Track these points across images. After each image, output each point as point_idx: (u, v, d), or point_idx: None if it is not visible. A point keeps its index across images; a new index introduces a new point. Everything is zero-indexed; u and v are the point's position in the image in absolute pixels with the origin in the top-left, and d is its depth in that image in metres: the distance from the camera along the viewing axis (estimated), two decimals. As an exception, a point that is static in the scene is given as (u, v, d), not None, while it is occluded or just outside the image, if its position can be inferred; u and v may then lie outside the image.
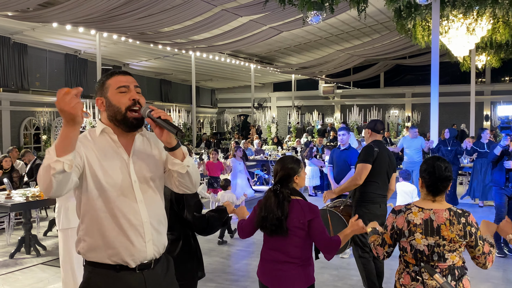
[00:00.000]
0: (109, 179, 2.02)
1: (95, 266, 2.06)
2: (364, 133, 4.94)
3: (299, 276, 2.93)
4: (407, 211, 2.65)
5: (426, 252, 2.54)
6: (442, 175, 2.60)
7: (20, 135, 16.02)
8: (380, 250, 2.77)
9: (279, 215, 2.90)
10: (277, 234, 2.92)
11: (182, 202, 3.25)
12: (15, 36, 15.24)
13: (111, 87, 2.11)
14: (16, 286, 5.46)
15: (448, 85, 22.86)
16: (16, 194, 7.00)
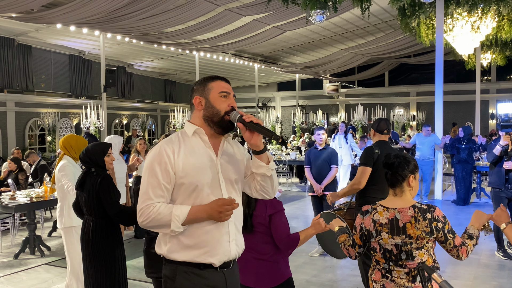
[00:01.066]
0: (202, 178, 2.10)
1: (179, 264, 2.11)
2: (371, 134, 4.83)
3: (271, 273, 2.92)
4: (373, 211, 2.65)
5: (395, 252, 2.55)
6: (389, 161, 2.63)
7: (25, 136, 16.08)
8: (352, 251, 2.79)
9: (245, 212, 2.88)
10: (244, 231, 2.89)
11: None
12: (20, 38, 15.30)
13: (214, 90, 2.22)
14: (20, 287, 5.47)
15: (453, 83, 22.75)
16: (21, 194, 7.02)
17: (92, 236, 3.76)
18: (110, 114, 18.59)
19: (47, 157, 14.66)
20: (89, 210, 3.80)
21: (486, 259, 6.14)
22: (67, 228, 4.55)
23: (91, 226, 3.78)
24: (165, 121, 22.97)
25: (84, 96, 18.27)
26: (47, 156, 14.87)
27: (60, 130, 17.07)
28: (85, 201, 3.81)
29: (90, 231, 3.78)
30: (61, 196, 4.64)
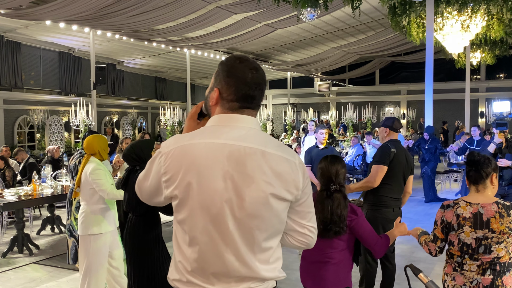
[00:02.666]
0: None
1: None
2: (380, 131, 4.65)
3: (339, 277, 2.99)
4: (455, 206, 2.74)
5: (473, 245, 2.63)
6: (474, 159, 2.75)
7: (14, 133, 15.92)
8: (432, 246, 2.85)
9: (327, 218, 2.91)
10: (336, 235, 2.93)
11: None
12: (8, 34, 15.13)
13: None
14: (8, 286, 5.42)
15: (443, 82, 22.88)
16: (9, 193, 6.95)
17: (133, 234, 3.78)
18: (100, 111, 18.47)
19: (36, 154, 14.54)
20: (131, 207, 3.80)
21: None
22: (84, 236, 4.30)
23: (132, 224, 3.80)
24: (156, 118, 22.87)
25: (74, 94, 18.13)
26: (36, 154, 14.75)
27: (50, 127, 16.93)
28: (128, 199, 3.81)
29: (131, 229, 3.80)
30: (88, 200, 4.33)
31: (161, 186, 1.69)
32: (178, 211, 1.68)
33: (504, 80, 24.06)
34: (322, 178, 3.07)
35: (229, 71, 1.73)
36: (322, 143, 6.44)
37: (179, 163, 1.63)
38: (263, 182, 1.63)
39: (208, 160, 1.62)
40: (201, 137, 1.67)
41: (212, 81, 1.79)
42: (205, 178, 1.61)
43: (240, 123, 1.71)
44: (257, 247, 1.68)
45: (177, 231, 1.72)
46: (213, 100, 1.74)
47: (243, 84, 1.71)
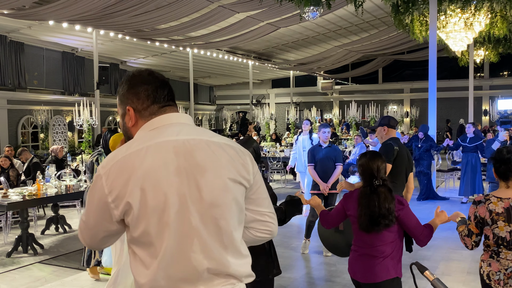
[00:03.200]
0: None
1: None
2: (378, 131, 4.67)
3: (387, 268, 3.03)
4: (487, 202, 2.87)
5: (508, 238, 2.79)
6: (504, 157, 2.90)
7: (18, 133, 15.97)
8: (468, 241, 2.95)
9: (376, 212, 2.96)
10: (386, 227, 2.97)
11: None
12: (12, 35, 15.18)
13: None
14: (13, 285, 5.44)
15: (447, 80, 22.83)
16: (13, 192, 6.97)
17: None
18: (104, 111, 18.49)
19: (40, 154, 14.57)
20: None
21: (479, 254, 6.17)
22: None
23: None
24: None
25: (77, 93, 18.17)
26: (40, 154, 14.78)
27: (53, 127, 16.97)
28: None
29: None
30: None
31: (109, 210, 1.55)
32: (135, 226, 1.55)
33: (507, 78, 23.98)
34: (363, 175, 3.13)
35: (130, 85, 1.71)
36: (325, 141, 6.44)
37: (124, 175, 1.53)
38: (217, 169, 1.60)
39: (156, 161, 1.55)
40: (139, 143, 1.59)
41: (119, 109, 1.76)
42: (158, 179, 1.54)
43: (170, 120, 1.68)
44: (226, 238, 1.62)
45: (135, 252, 1.59)
46: (132, 120, 1.70)
47: (149, 86, 1.70)
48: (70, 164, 10.35)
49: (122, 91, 1.73)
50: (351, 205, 3.12)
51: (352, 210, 3.11)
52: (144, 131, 1.65)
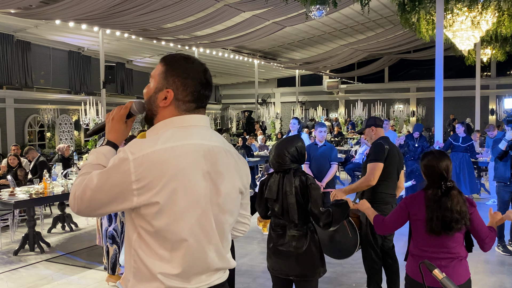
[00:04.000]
0: None
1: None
2: (367, 132, 4.62)
3: (462, 270, 2.94)
4: None
5: None
6: None
7: (25, 132, 16.06)
8: None
9: (464, 211, 2.86)
10: (459, 231, 2.87)
11: (307, 195, 3.29)
12: (18, 34, 15.26)
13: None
14: (20, 283, 5.47)
15: (453, 79, 22.73)
16: (20, 191, 7.01)
17: None
18: (110, 110, 18.44)
19: (46, 153, 14.64)
20: None
21: (485, 254, 6.14)
22: None
23: None
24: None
25: (83, 93, 18.24)
26: (47, 153, 14.85)
27: (60, 126, 17.05)
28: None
29: None
30: None
31: (128, 196, 1.57)
32: (157, 219, 1.58)
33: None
34: (430, 176, 2.96)
35: (185, 73, 1.71)
36: (321, 141, 6.44)
37: (157, 169, 1.56)
38: (231, 178, 1.72)
39: (188, 162, 1.61)
40: (174, 141, 1.62)
41: (158, 81, 1.72)
42: (190, 180, 1.60)
43: (201, 122, 1.73)
44: (226, 240, 1.76)
45: (149, 244, 1.62)
46: (166, 102, 1.69)
47: (200, 85, 1.73)
48: (77, 162, 10.39)
49: (172, 69, 1.72)
50: (417, 207, 2.95)
51: (419, 214, 2.94)
52: (174, 126, 1.68)
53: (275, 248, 3.43)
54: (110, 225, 5.30)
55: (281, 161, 3.41)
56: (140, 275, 1.64)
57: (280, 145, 3.48)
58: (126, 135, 1.85)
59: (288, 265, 3.37)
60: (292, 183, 3.32)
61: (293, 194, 3.29)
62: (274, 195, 3.39)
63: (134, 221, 1.64)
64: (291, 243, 3.35)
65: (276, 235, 3.44)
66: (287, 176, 3.38)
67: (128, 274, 1.68)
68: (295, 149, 3.42)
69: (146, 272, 1.63)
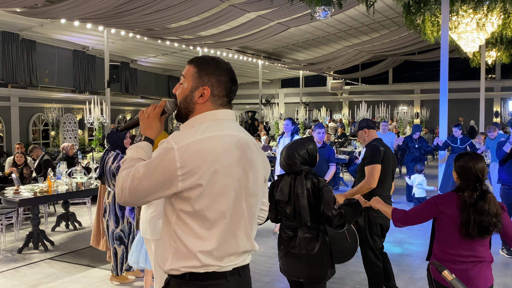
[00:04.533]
0: None
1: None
2: (360, 135, 4.61)
3: (488, 274, 2.90)
4: None
5: None
6: None
7: (29, 131, 16.11)
8: None
9: (499, 214, 2.80)
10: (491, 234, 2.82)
11: (319, 197, 3.28)
12: (24, 33, 15.31)
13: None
14: (24, 281, 5.48)
15: (458, 81, 22.67)
16: (24, 189, 7.03)
17: None
18: (114, 109, 18.61)
19: (50, 152, 14.68)
20: None
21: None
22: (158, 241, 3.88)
23: None
24: (169, 117, 22.99)
25: (88, 92, 18.29)
26: (51, 151, 14.90)
27: (64, 125, 17.09)
28: None
29: None
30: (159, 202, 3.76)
31: (174, 181, 1.76)
32: (198, 201, 1.78)
33: (519, 79, 23.75)
34: (465, 177, 2.88)
35: (217, 70, 1.92)
36: (319, 142, 6.43)
37: (199, 155, 1.76)
38: (258, 166, 1.95)
39: (225, 149, 1.82)
40: (211, 131, 1.82)
41: (192, 80, 1.91)
42: (226, 164, 1.81)
43: (230, 116, 1.95)
44: (254, 222, 1.97)
45: (188, 223, 1.81)
46: (204, 99, 1.89)
47: (231, 81, 1.94)
48: (81, 161, 10.42)
49: (205, 69, 1.92)
50: (450, 210, 2.87)
51: (451, 216, 2.86)
52: (208, 119, 1.88)
53: (286, 250, 3.42)
54: (117, 227, 5.27)
55: (291, 163, 3.39)
56: (179, 254, 1.82)
57: (291, 147, 3.46)
58: (160, 131, 2.03)
59: (299, 267, 3.37)
60: (304, 185, 3.30)
61: (305, 196, 3.27)
62: (286, 197, 3.35)
63: (174, 205, 1.83)
64: (303, 246, 3.34)
65: (287, 237, 3.42)
66: (298, 178, 3.35)
67: (167, 254, 1.86)
68: (305, 152, 3.41)
69: (184, 251, 1.81)
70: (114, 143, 5.31)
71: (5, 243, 7.06)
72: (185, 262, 1.82)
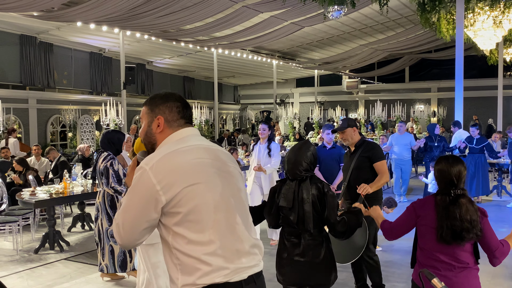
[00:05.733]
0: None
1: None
2: (348, 133, 4.69)
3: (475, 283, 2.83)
4: None
5: None
6: None
7: (47, 132, 16.36)
8: None
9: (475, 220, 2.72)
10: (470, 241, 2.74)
11: (324, 203, 3.22)
12: (41, 36, 15.55)
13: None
14: (40, 281, 5.58)
15: (475, 79, 22.36)
16: (40, 190, 7.14)
17: None
18: (130, 110, 18.75)
19: (68, 153, 14.89)
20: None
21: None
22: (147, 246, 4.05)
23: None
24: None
25: (104, 93, 18.49)
26: (68, 152, 15.10)
27: (81, 126, 17.31)
28: None
29: None
30: None
31: (156, 198, 1.84)
32: (184, 204, 1.85)
33: (539, 76, 23.31)
34: (441, 182, 2.84)
35: (165, 100, 2.07)
36: (329, 143, 6.40)
37: (171, 167, 1.87)
38: (231, 163, 2.08)
39: (195, 156, 1.93)
40: (176, 146, 1.96)
41: (147, 117, 2.08)
42: (201, 169, 1.92)
43: (194, 132, 2.09)
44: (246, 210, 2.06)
45: (184, 231, 1.86)
46: (160, 127, 2.04)
47: (181, 105, 2.09)
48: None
49: (154, 103, 2.08)
50: (427, 213, 2.84)
51: (428, 220, 2.82)
52: (172, 140, 2.01)
53: (290, 258, 3.32)
54: (110, 225, 5.35)
55: (301, 168, 3.33)
56: (186, 268, 1.86)
57: (295, 154, 3.38)
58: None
59: (303, 275, 3.28)
60: (309, 190, 3.25)
61: (310, 202, 3.21)
62: (290, 203, 3.26)
63: (166, 225, 1.89)
64: (308, 253, 3.27)
65: (291, 245, 3.33)
66: (303, 184, 3.28)
67: (176, 274, 1.89)
68: (311, 154, 3.37)
69: (190, 262, 1.85)
70: (105, 144, 5.43)
71: (22, 244, 7.19)
72: (196, 272, 1.85)
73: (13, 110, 14.17)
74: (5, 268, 6.06)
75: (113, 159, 5.35)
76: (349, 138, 4.72)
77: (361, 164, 4.61)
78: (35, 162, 9.79)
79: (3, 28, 14.49)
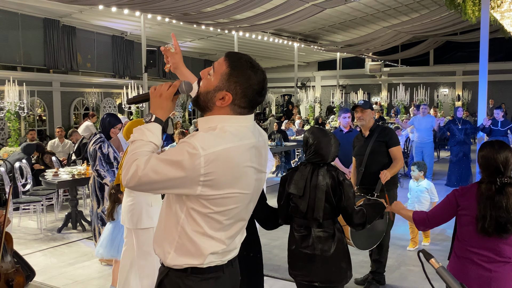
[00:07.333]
0: None
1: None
2: (368, 113, 4.71)
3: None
4: None
5: None
6: None
7: (70, 115, 16.63)
8: None
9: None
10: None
11: (339, 192, 3.03)
12: (64, 19, 15.72)
13: None
14: (62, 259, 5.74)
15: (502, 62, 21.78)
16: (63, 172, 7.31)
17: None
18: (151, 94, 18.89)
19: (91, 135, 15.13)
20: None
21: None
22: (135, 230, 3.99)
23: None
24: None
25: (126, 76, 18.66)
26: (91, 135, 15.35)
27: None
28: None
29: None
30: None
31: (193, 184, 1.72)
32: (215, 206, 1.79)
33: None
34: (486, 169, 2.65)
35: (247, 82, 1.81)
36: (345, 127, 6.34)
37: (224, 165, 1.73)
38: (264, 170, 1.99)
39: (245, 158, 1.81)
40: (234, 140, 1.78)
41: (220, 80, 1.81)
42: (249, 176, 1.86)
43: (250, 121, 1.90)
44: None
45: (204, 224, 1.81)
46: (223, 103, 1.81)
47: (257, 94, 1.85)
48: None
49: (236, 74, 1.81)
50: (469, 202, 2.65)
51: (470, 209, 2.63)
52: (230, 123, 1.82)
53: (298, 250, 3.11)
54: (98, 207, 5.39)
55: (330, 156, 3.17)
56: (183, 249, 1.82)
57: (335, 137, 3.22)
58: (171, 112, 1.96)
59: (312, 269, 3.07)
60: (325, 177, 3.06)
61: (323, 189, 3.01)
62: (301, 191, 3.07)
63: (185, 203, 1.79)
64: (317, 245, 3.05)
65: (300, 237, 3.11)
66: (321, 170, 3.09)
67: (169, 248, 1.84)
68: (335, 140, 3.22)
69: (191, 248, 1.81)
70: (100, 126, 5.51)
71: (46, 223, 7.39)
72: (189, 259, 1.82)
73: (37, 93, 14.41)
74: (29, 246, 6.25)
75: (102, 142, 5.34)
76: (367, 119, 4.72)
77: (377, 149, 4.60)
78: (59, 144, 9.99)
79: (27, 12, 14.70)
